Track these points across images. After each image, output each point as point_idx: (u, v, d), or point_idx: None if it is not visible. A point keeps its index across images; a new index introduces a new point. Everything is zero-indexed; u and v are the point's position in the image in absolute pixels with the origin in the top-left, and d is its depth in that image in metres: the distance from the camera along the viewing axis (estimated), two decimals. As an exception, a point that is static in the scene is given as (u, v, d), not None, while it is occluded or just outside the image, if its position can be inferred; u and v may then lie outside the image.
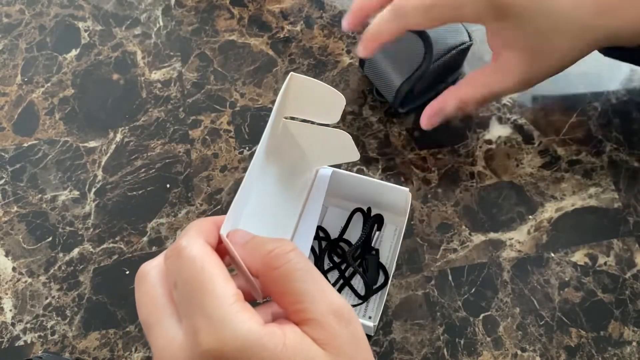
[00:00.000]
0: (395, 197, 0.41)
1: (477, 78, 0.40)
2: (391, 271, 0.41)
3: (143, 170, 0.47)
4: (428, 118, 0.42)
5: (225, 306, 0.23)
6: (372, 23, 0.39)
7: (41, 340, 0.42)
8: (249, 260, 0.25)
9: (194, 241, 0.25)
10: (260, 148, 0.30)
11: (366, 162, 0.46)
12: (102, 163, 0.47)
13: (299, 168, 0.39)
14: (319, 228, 0.43)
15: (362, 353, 0.25)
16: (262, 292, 0.26)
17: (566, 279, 0.41)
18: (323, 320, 0.24)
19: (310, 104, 0.33)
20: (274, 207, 0.37)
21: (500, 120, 0.47)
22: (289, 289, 0.25)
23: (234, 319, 0.23)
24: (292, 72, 0.31)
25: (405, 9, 0.37)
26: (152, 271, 0.26)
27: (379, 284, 0.41)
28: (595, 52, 0.40)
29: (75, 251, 0.45)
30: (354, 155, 0.37)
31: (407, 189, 0.40)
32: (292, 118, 0.35)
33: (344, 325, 0.25)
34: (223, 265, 0.25)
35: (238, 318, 0.23)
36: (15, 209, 0.46)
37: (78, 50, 0.52)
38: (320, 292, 0.25)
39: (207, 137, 0.48)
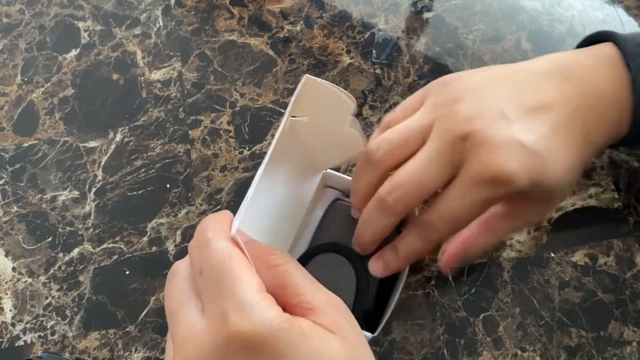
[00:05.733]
0: None
1: (493, 224, 0.36)
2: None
3: (143, 170, 0.47)
4: (447, 264, 0.38)
5: (253, 292, 0.25)
6: (398, 245, 0.34)
7: (41, 340, 0.42)
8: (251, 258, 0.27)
9: (220, 233, 0.27)
10: (270, 148, 0.30)
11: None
12: (102, 163, 0.47)
13: (309, 170, 0.39)
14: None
15: (362, 341, 0.27)
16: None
17: (566, 279, 0.41)
18: (324, 308, 0.26)
19: (321, 106, 0.33)
20: (279, 210, 0.36)
21: (500, 120, 0.47)
22: (289, 283, 0.27)
23: (262, 304, 0.25)
24: (306, 75, 0.31)
25: (434, 225, 0.32)
26: (181, 265, 0.28)
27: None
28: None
29: (75, 251, 0.45)
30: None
31: None
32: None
33: (342, 313, 0.27)
34: (247, 257, 0.26)
35: (265, 304, 0.25)
36: (15, 209, 0.46)
37: (78, 50, 0.52)
38: (316, 287, 0.27)
39: (207, 137, 0.48)
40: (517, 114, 0.32)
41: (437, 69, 0.49)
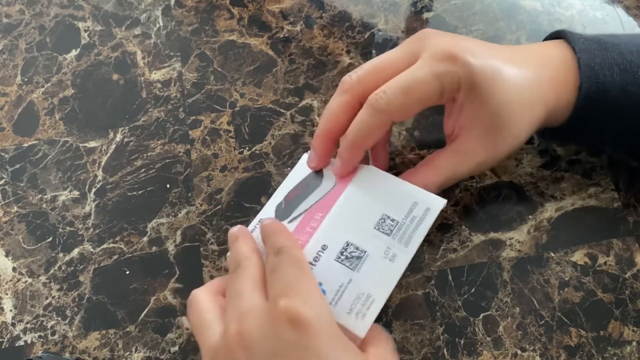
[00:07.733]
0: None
1: (437, 161, 0.38)
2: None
3: (143, 170, 0.47)
4: None
5: (314, 287, 0.31)
6: (348, 131, 0.36)
7: (41, 340, 0.42)
8: None
9: (293, 243, 0.34)
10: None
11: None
12: (102, 163, 0.47)
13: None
14: None
15: None
16: None
17: (566, 278, 0.41)
18: (380, 349, 0.33)
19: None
20: None
21: (500, 120, 0.47)
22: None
23: (321, 299, 0.31)
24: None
25: (383, 99, 0.34)
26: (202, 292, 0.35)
27: None
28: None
29: (75, 251, 0.45)
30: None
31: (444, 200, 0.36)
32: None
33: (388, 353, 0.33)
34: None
35: (323, 300, 0.31)
36: (15, 209, 0.46)
37: (78, 50, 0.52)
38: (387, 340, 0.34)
39: (207, 137, 0.48)
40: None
41: (437, 69, 0.49)
